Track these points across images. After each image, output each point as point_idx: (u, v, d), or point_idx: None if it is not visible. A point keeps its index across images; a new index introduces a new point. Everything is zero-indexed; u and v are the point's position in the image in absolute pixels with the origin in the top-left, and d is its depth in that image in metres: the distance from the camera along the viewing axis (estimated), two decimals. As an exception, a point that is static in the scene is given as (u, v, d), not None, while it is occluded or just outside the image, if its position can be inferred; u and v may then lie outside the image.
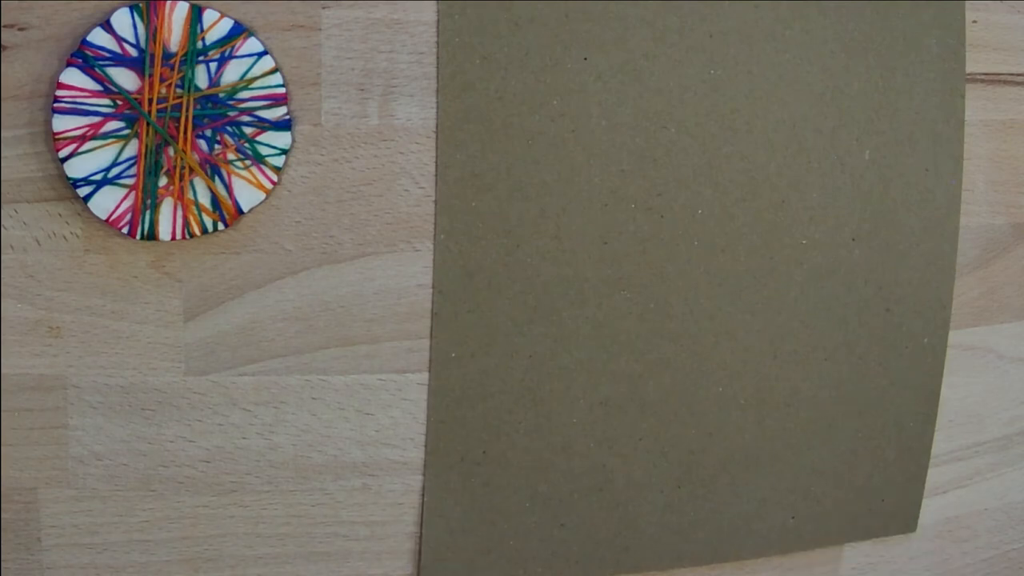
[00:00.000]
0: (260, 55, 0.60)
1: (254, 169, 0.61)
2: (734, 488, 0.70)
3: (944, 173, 0.71)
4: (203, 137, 0.60)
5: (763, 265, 0.68)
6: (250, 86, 0.60)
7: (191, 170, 0.60)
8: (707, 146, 0.66)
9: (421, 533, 0.67)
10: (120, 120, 0.59)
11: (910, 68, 0.69)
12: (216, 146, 0.60)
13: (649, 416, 0.68)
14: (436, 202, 0.63)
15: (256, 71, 0.60)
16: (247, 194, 0.61)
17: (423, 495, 0.66)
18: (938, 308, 0.72)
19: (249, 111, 0.60)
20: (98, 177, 0.59)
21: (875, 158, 0.69)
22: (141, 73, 0.59)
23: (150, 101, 0.59)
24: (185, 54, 0.59)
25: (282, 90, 0.61)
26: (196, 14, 0.59)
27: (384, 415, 0.65)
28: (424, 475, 0.66)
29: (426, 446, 0.66)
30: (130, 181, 0.60)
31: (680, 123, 0.65)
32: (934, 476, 0.75)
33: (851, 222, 0.69)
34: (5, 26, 0.58)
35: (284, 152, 0.61)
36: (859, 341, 0.71)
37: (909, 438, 0.73)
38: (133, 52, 0.59)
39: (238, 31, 0.60)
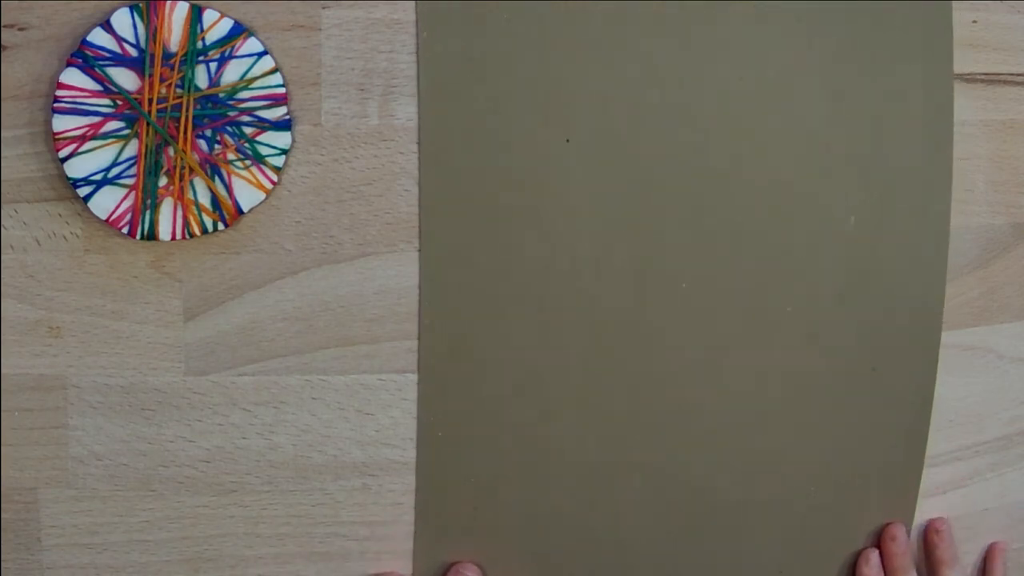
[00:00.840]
0: (260, 55, 0.60)
1: (254, 169, 0.61)
2: (727, 533, 0.70)
3: (938, 173, 0.70)
4: (203, 137, 0.60)
5: (752, 328, 0.68)
6: (250, 86, 0.60)
7: (191, 170, 0.60)
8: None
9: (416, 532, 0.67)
10: (120, 120, 0.59)
11: (900, 69, 0.68)
12: (216, 146, 0.60)
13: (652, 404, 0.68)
14: (419, 211, 0.63)
15: (256, 71, 0.60)
16: (247, 194, 0.61)
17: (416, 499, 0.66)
18: (932, 308, 0.72)
19: (249, 111, 0.60)
20: (98, 177, 0.59)
21: (868, 165, 0.69)
22: (141, 73, 0.59)
23: (150, 101, 0.59)
24: (185, 54, 0.59)
25: (282, 90, 0.61)
26: (196, 14, 0.59)
27: (384, 415, 0.65)
28: (416, 477, 0.66)
29: (417, 451, 0.66)
30: (130, 181, 0.59)
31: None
32: (934, 476, 0.75)
33: (847, 222, 0.69)
34: (5, 26, 0.58)
35: (284, 152, 0.61)
36: (856, 345, 0.71)
37: (907, 438, 0.73)
38: (133, 52, 0.59)
39: (238, 31, 0.60)
